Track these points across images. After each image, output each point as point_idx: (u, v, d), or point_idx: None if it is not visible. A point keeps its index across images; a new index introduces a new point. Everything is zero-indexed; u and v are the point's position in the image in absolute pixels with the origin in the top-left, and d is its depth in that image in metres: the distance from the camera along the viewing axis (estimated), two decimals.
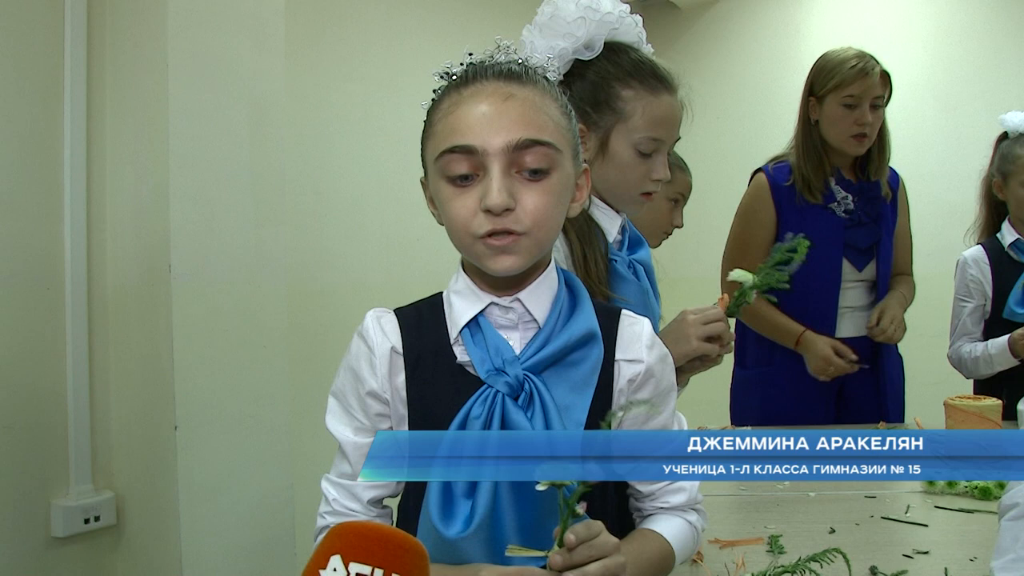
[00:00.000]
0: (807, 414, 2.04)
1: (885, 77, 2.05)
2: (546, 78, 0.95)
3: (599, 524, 0.80)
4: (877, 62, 2.05)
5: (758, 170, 2.19)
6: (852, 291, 2.11)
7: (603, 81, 1.33)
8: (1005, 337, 2.07)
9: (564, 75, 1.34)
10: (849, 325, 2.11)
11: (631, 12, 1.37)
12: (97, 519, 1.88)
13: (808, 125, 2.11)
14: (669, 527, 0.97)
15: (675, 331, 1.31)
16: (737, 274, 1.39)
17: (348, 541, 0.65)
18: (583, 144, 1.31)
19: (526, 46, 1.35)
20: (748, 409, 2.18)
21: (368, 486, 0.94)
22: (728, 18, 4.57)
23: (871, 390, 2.13)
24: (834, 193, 2.08)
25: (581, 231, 1.29)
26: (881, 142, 2.11)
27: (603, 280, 1.28)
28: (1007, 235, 2.16)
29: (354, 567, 0.64)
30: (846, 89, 2.02)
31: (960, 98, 3.91)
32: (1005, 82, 3.82)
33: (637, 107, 1.31)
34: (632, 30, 1.37)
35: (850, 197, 2.08)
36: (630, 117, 1.32)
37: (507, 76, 0.91)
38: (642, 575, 0.90)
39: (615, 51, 1.34)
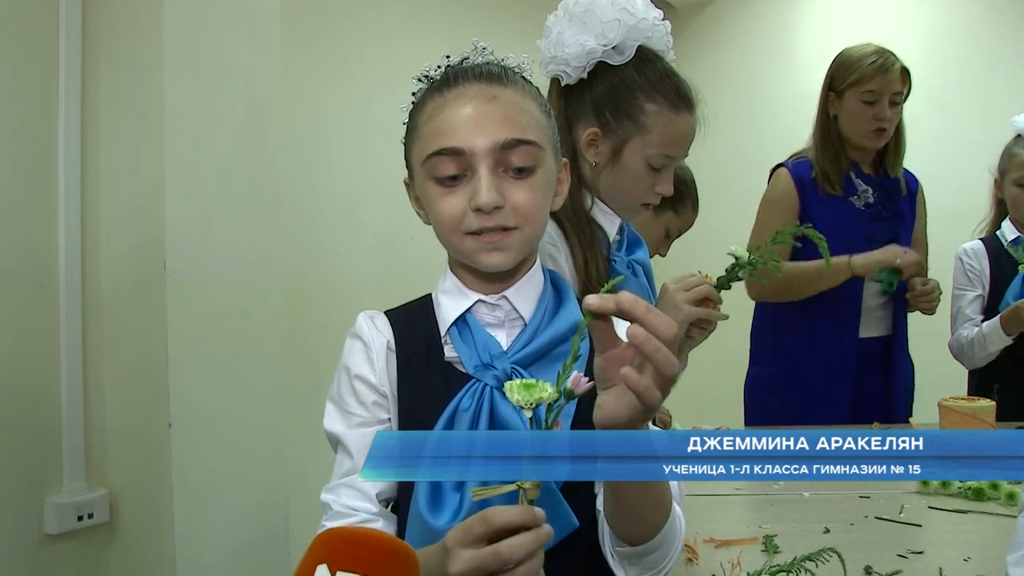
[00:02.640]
0: (822, 409, 2.05)
1: (904, 73, 2.08)
2: (524, 78, 0.97)
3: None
4: (896, 58, 2.07)
5: (776, 166, 2.20)
6: (867, 292, 2.12)
7: (628, 90, 1.31)
8: (997, 316, 2.10)
9: (587, 73, 1.33)
10: (864, 326, 2.13)
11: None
12: (91, 516, 1.87)
13: (827, 119, 2.13)
14: None
15: (663, 305, 1.32)
16: (734, 248, 1.42)
17: (334, 548, 0.63)
18: (595, 146, 1.32)
19: (552, 33, 1.33)
20: (765, 405, 2.18)
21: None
22: (724, 18, 4.58)
23: (884, 390, 2.15)
24: (855, 186, 2.11)
25: (582, 235, 1.28)
26: (897, 138, 2.15)
27: (604, 285, 1.28)
28: (1008, 233, 2.18)
29: None
30: (866, 85, 2.04)
31: (954, 99, 3.92)
32: (999, 83, 3.84)
33: (658, 123, 1.30)
34: (662, 38, 1.35)
35: (870, 190, 2.11)
36: (649, 131, 1.30)
37: (488, 78, 0.93)
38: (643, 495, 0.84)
39: (643, 60, 1.32)
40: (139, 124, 1.91)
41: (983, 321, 2.18)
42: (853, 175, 2.12)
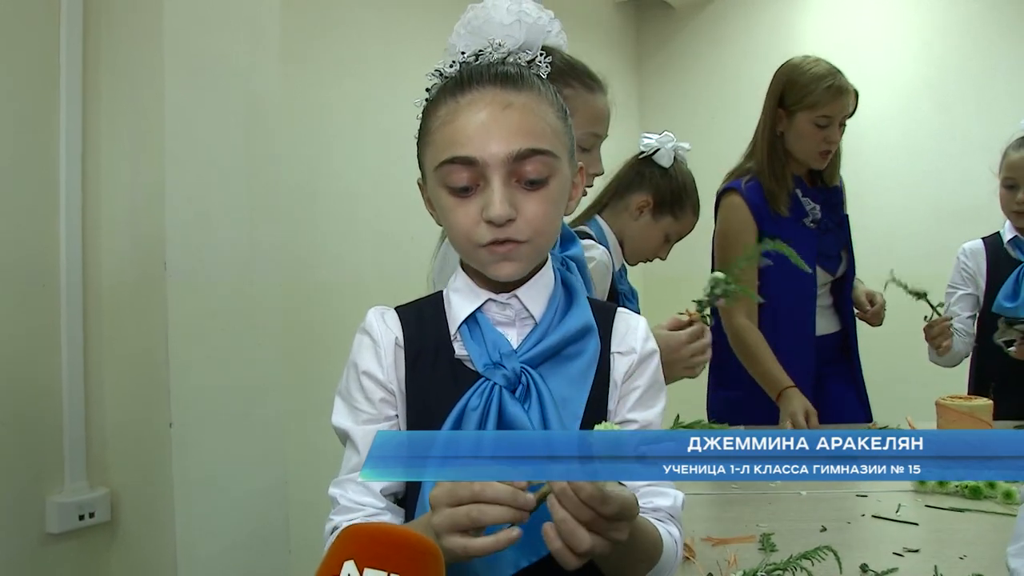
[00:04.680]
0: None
1: (855, 95, 2.06)
2: (539, 78, 0.95)
3: (629, 513, 0.75)
4: (847, 79, 2.05)
5: (727, 189, 2.17)
6: (821, 295, 2.16)
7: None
8: None
9: None
10: (822, 323, 2.15)
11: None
12: (92, 515, 1.88)
13: (775, 137, 2.10)
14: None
15: (670, 362, 1.39)
16: (713, 276, 1.53)
17: (361, 545, 0.63)
18: None
19: (458, 50, 1.38)
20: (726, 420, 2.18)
21: None
22: (723, 17, 4.58)
23: (846, 388, 2.18)
24: (803, 205, 2.10)
25: None
26: (836, 152, 2.13)
27: None
28: (1007, 231, 2.19)
29: (369, 573, 0.61)
30: (821, 109, 2.01)
31: (954, 98, 3.93)
32: (999, 83, 3.85)
33: (578, 105, 1.35)
34: (558, 35, 1.41)
35: (817, 208, 2.11)
36: (573, 115, 1.35)
37: (504, 81, 0.91)
38: (626, 556, 0.86)
39: (549, 53, 1.37)
40: (139, 125, 1.92)
41: (968, 319, 2.22)
42: (799, 193, 2.11)
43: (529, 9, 1.35)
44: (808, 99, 2.02)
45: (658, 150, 1.98)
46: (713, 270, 2.18)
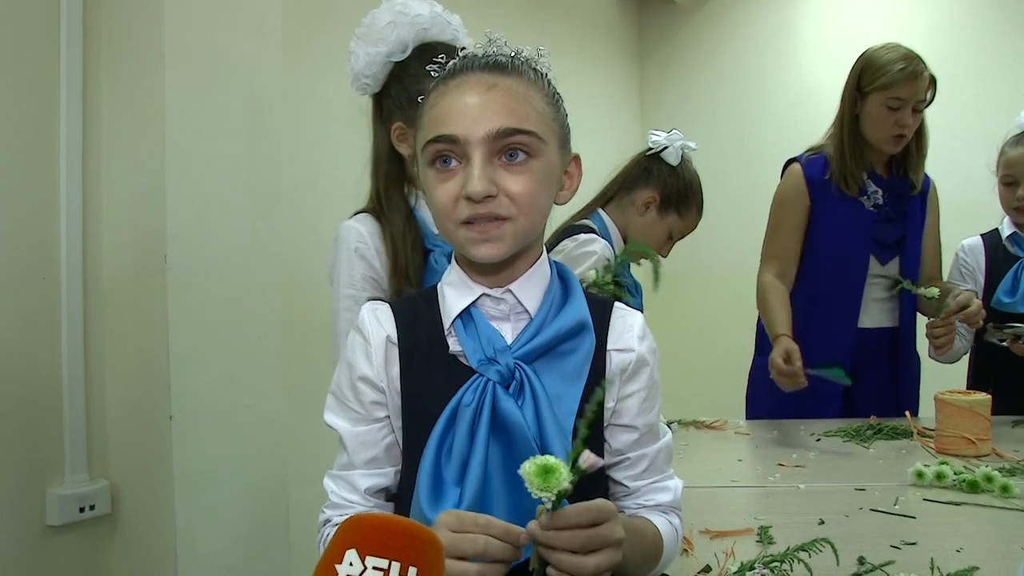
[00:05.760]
0: (819, 403, 2.07)
1: (932, 80, 2.06)
2: (534, 68, 0.95)
3: (607, 510, 0.78)
4: (924, 65, 2.04)
5: (791, 161, 2.20)
6: (875, 285, 2.15)
7: (412, 80, 1.39)
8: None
9: (388, 78, 1.43)
10: (869, 316, 2.15)
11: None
12: (92, 508, 1.89)
13: (853, 119, 2.10)
14: (659, 523, 0.97)
15: None
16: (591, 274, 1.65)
17: (364, 534, 0.64)
18: (405, 139, 1.42)
19: (351, 56, 1.40)
20: (763, 394, 2.18)
21: (365, 474, 0.95)
22: (725, 13, 4.58)
23: (885, 384, 2.16)
24: (866, 187, 2.10)
25: (404, 230, 1.45)
26: (920, 141, 2.13)
27: (416, 277, 1.43)
28: (1006, 228, 2.19)
29: (371, 560, 0.62)
30: (893, 91, 2.01)
31: (955, 93, 3.92)
32: (999, 80, 3.85)
33: None
34: (447, 29, 1.41)
35: (880, 192, 2.11)
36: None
37: (492, 67, 0.92)
38: (633, 560, 0.87)
39: (426, 50, 1.39)
40: (140, 118, 1.92)
41: None
42: (865, 175, 2.11)
43: (410, 8, 1.37)
44: (881, 80, 2.02)
45: (666, 148, 2.00)
46: (766, 233, 2.21)
